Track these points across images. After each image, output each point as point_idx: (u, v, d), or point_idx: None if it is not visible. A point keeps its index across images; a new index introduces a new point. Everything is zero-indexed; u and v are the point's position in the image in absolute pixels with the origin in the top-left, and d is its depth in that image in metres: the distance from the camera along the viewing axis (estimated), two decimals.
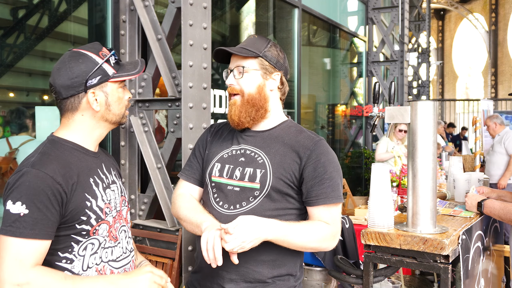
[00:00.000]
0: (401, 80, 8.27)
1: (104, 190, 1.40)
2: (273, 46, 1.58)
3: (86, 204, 1.31)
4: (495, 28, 21.01)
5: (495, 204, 2.16)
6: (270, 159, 1.52)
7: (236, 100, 1.55)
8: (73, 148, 1.37)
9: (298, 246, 1.47)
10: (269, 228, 1.38)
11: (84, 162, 1.37)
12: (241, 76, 1.53)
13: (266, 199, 1.49)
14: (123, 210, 1.50)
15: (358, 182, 8.02)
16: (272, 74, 1.56)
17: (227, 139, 1.63)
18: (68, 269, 1.30)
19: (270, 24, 6.00)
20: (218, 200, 1.55)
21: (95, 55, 1.37)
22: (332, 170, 1.50)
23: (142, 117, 2.88)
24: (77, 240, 1.31)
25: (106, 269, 1.37)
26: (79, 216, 1.30)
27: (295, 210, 1.54)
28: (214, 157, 1.61)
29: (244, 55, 1.52)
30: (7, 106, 3.11)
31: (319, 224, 1.49)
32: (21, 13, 3.17)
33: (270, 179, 1.49)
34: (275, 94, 1.59)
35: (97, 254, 1.35)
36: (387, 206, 1.90)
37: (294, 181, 1.50)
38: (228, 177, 1.54)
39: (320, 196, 1.48)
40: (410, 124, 1.86)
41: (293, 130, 1.59)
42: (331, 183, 1.49)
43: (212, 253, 1.34)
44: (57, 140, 1.37)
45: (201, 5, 2.69)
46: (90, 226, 1.32)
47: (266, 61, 1.54)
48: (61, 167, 1.28)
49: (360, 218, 3.38)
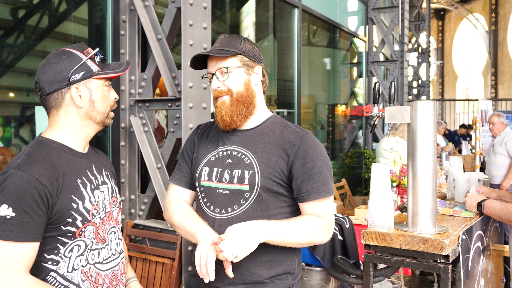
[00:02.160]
0: (401, 80, 8.27)
1: (92, 191, 1.38)
2: (246, 41, 1.56)
3: (72, 206, 1.30)
4: (495, 28, 21.01)
5: (495, 204, 2.16)
6: (257, 158, 1.50)
7: (225, 101, 1.52)
8: (60, 149, 1.36)
9: (292, 242, 1.47)
10: (262, 231, 1.38)
11: (71, 163, 1.35)
12: (226, 76, 1.51)
13: (257, 200, 1.47)
14: (113, 211, 1.48)
15: (358, 182, 8.02)
16: (254, 68, 1.55)
17: (213, 141, 1.61)
18: (54, 270, 1.30)
19: (270, 24, 6.01)
20: (209, 205, 1.53)
21: (79, 53, 1.37)
22: (320, 164, 1.49)
23: (142, 117, 2.88)
24: (63, 242, 1.30)
25: (92, 271, 1.36)
26: (65, 218, 1.29)
27: (288, 207, 1.53)
28: (202, 160, 1.59)
29: (224, 55, 1.50)
30: (7, 106, 3.11)
31: (312, 218, 1.49)
32: (21, 13, 3.17)
33: (259, 179, 1.47)
34: (259, 88, 1.59)
35: (83, 256, 1.34)
36: (387, 206, 1.90)
37: (283, 178, 1.49)
38: (217, 180, 1.53)
39: (311, 192, 1.48)
40: (410, 124, 1.86)
41: (279, 126, 1.57)
42: (320, 177, 1.48)
43: (205, 268, 1.34)
44: (44, 141, 1.36)
45: (201, 5, 2.69)
46: (76, 228, 1.31)
47: (245, 56, 1.53)
48: (46, 169, 1.27)
49: (360, 218, 3.37)
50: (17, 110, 3.23)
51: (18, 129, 3.16)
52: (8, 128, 3.07)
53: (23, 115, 3.22)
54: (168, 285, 2.53)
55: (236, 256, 1.32)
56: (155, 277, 2.62)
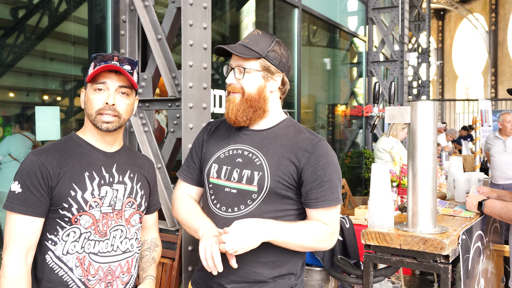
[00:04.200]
0: (401, 80, 8.27)
1: (99, 186, 1.47)
2: (277, 44, 1.52)
3: (70, 193, 1.42)
4: (495, 28, 21.01)
5: (495, 203, 2.16)
6: (267, 160, 1.49)
7: (235, 98, 1.51)
8: (82, 145, 1.51)
9: (296, 246, 1.46)
10: (267, 230, 1.38)
11: (85, 158, 1.49)
12: (242, 76, 1.49)
13: (264, 201, 1.47)
14: (126, 211, 1.52)
15: (358, 182, 8.02)
16: (274, 75, 1.52)
17: (224, 138, 1.60)
18: (52, 250, 1.44)
19: (270, 24, 6.00)
20: (216, 202, 1.53)
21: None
22: (331, 172, 1.48)
23: (142, 117, 2.88)
24: (61, 225, 1.43)
25: (86, 260, 1.46)
26: (61, 203, 1.42)
27: (294, 210, 1.53)
28: (211, 157, 1.59)
29: (246, 57, 1.48)
30: (7, 106, 3.11)
31: (317, 224, 1.49)
32: (21, 13, 3.17)
33: (268, 182, 1.47)
34: (275, 95, 1.56)
35: (77, 242, 1.45)
36: (387, 206, 1.90)
37: (292, 183, 1.48)
38: (226, 178, 1.52)
39: (320, 199, 1.47)
40: (410, 124, 1.87)
41: (292, 130, 1.55)
42: (330, 186, 1.48)
43: (211, 261, 1.35)
44: (73, 136, 1.53)
45: (201, 5, 2.69)
46: (72, 214, 1.43)
47: (269, 61, 1.50)
48: (54, 156, 1.43)
49: (360, 218, 3.37)
50: (17, 110, 3.23)
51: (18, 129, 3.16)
52: (8, 128, 3.07)
53: (23, 115, 3.22)
54: (168, 285, 2.53)
55: (236, 251, 1.32)
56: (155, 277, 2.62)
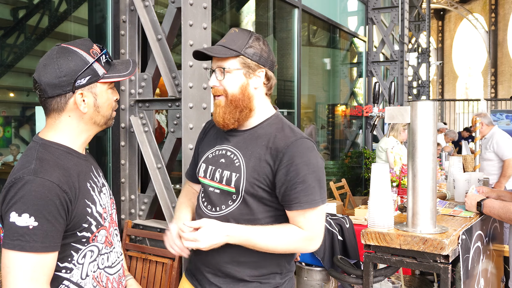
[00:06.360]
0: (401, 80, 8.27)
1: (99, 194, 1.34)
2: (255, 40, 1.48)
3: (87, 211, 1.26)
4: (495, 28, 21.02)
5: (494, 203, 2.16)
6: (245, 162, 1.46)
7: (221, 101, 1.48)
8: (67, 152, 1.29)
9: (267, 249, 1.44)
10: (228, 233, 1.40)
11: (79, 167, 1.29)
12: (223, 77, 1.45)
13: (243, 203, 1.46)
14: (113, 213, 1.45)
15: (358, 182, 8.02)
16: (256, 71, 1.47)
17: (215, 138, 1.61)
18: (67, 279, 1.25)
19: (270, 24, 6.01)
20: (204, 201, 1.56)
21: (85, 53, 1.27)
22: (306, 173, 1.40)
23: (142, 117, 2.88)
24: (76, 248, 1.25)
25: (103, 276, 1.33)
26: (81, 224, 1.24)
27: (274, 211, 1.48)
28: (202, 156, 1.62)
29: (223, 57, 1.44)
30: (7, 106, 3.11)
31: (290, 228, 1.45)
32: (21, 13, 3.17)
33: (244, 183, 1.44)
34: (260, 91, 1.52)
35: (95, 261, 1.30)
36: (387, 206, 1.90)
37: (268, 184, 1.44)
38: (210, 178, 1.54)
39: (293, 202, 1.41)
40: (410, 124, 1.87)
41: (274, 129, 1.50)
42: (304, 187, 1.40)
43: (176, 248, 1.48)
44: (49, 144, 1.28)
45: (201, 5, 2.69)
46: (91, 233, 1.27)
47: (248, 58, 1.45)
48: (63, 174, 1.21)
49: (360, 218, 3.38)
50: (17, 110, 3.23)
51: (18, 129, 3.17)
52: (8, 128, 3.07)
53: (23, 115, 3.22)
54: (168, 285, 2.53)
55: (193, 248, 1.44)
56: (155, 277, 2.62)
